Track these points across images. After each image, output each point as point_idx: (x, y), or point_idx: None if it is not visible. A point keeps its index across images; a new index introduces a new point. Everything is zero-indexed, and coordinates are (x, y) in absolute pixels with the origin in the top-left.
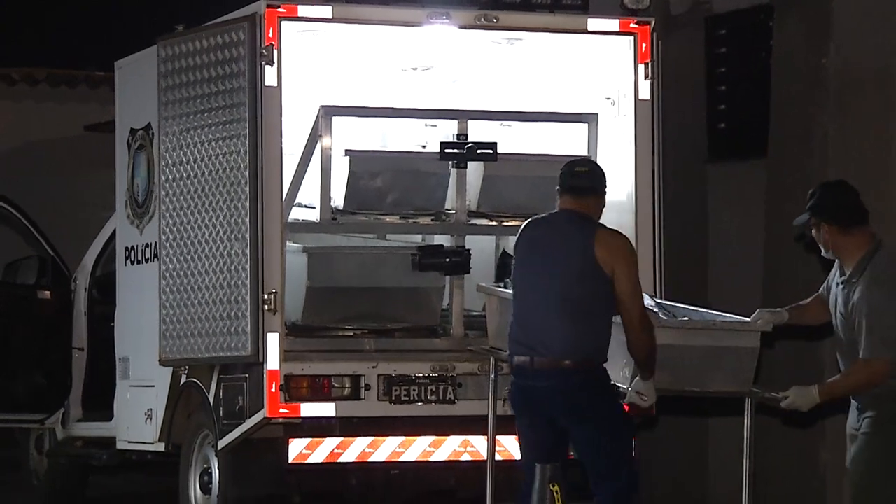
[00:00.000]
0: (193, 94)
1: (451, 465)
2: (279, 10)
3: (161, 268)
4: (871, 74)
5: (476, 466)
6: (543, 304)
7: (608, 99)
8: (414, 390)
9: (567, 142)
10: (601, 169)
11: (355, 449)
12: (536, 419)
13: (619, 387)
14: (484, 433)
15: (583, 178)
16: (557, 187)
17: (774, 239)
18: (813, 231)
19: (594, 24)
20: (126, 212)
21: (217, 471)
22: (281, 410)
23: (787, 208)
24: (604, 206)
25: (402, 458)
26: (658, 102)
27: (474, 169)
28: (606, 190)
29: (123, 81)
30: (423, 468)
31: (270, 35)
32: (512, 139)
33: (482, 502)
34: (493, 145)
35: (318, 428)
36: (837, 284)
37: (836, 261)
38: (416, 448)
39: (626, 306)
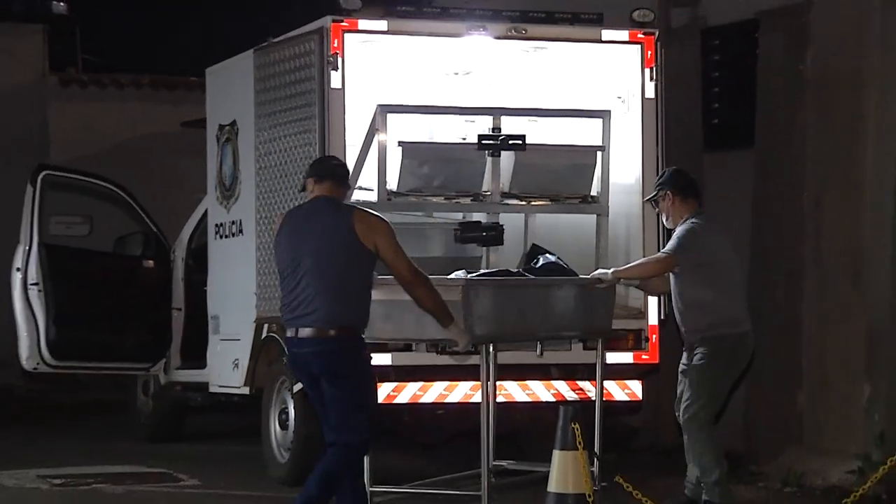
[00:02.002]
0: (279, 95)
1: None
2: (342, 24)
3: (256, 241)
4: (845, 77)
5: (508, 407)
6: (309, 281)
7: (619, 98)
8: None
9: (585, 134)
10: (343, 161)
11: (408, 392)
12: (306, 381)
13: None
14: (516, 379)
15: (334, 169)
16: (310, 178)
17: (760, 216)
18: (660, 203)
19: (608, 34)
20: (216, 194)
21: (293, 410)
22: None
23: (771, 190)
24: (347, 191)
25: (446, 400)
26: (661, 101)
27: (507, 157)
28: (349, 179)
29: (213, 85)
30: (464, 409)
31: (335, 45)
32: (538, 132)
33: (513, 437)
34: (522, 137)
35: (377, 375)
36: None
37: None
38: (459, 392)
39: (396, 269)
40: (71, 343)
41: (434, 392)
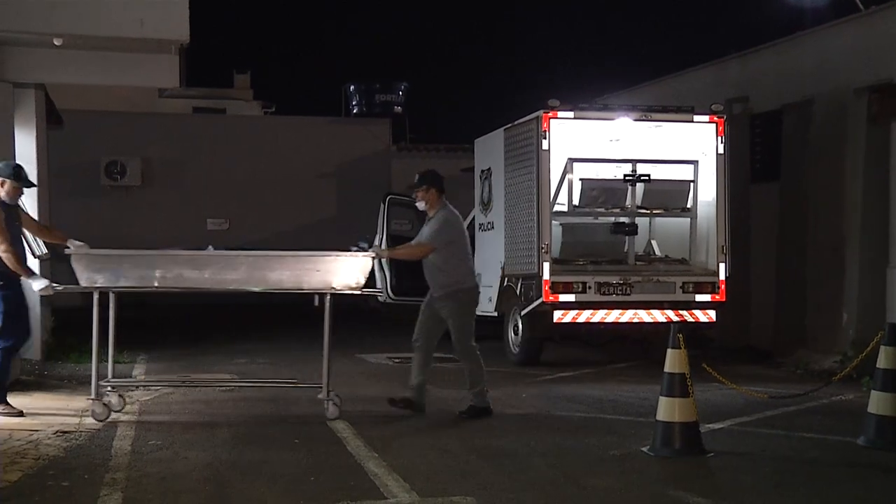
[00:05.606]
0: (515, 153)
1: (629, 324)
2: (549, 114)
3: (503, 235)
4: (832, 142)
5: (641, 324)
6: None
7: (703, 153)
8: (610, 288)
9: (683, 173)
10: (13, 162)
11: (584, 316)
12: None
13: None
14: (644, 309)
15: (17, 171)
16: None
17: (783, 218)
18: (420, 192)
19: (697, 118)
20: (479, 207)
21: (521, 325)
22: (550, 297)
23: (788, 204)
24: (13, 187)
25: (605, 320)
26: (727, 154)
27: (640, 186)
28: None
29: (479, 147)
30: (615, 325)
31: (545, 125)
32: (657, 172)
33: (644, 340)
34: (649, 175)
35: (566, 305)
36: (427, 221)
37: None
38: (612, 316)
39: None
40: (403, 287)
41: (598, 316)
